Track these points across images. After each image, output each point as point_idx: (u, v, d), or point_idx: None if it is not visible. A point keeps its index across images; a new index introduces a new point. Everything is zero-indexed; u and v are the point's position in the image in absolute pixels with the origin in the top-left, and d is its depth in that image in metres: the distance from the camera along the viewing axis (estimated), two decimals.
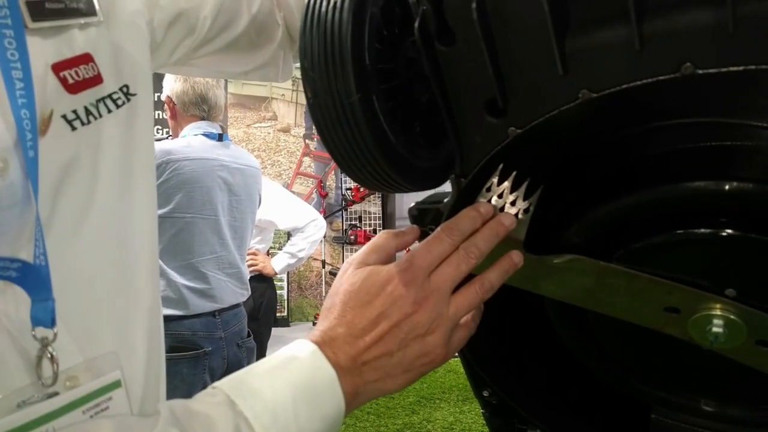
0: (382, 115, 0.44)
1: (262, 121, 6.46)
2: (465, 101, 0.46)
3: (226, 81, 2.49)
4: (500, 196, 0.49)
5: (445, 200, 0.52)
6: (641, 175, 0.48)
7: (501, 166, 0.48)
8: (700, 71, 0.35)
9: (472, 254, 0.47)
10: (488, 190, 0.50)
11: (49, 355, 0.42)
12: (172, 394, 1.68)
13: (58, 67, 0.45)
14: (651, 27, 0.36)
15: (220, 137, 1.80)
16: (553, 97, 0.41)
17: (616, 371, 0.61)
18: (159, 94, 1.87)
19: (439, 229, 0.48)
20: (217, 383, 0.44)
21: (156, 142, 1.72)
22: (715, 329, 0.47)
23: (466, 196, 0.50)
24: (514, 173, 0.48)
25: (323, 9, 0.43)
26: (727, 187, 0.44)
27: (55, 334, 0.42)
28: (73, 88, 0.46)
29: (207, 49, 0.67)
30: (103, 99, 0.49)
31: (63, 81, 0.45)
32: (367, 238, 5.94)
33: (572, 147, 0.48)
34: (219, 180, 1.74)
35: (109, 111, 0.49)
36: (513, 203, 0.50)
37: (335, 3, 0.42)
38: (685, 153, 0.46)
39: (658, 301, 0.49)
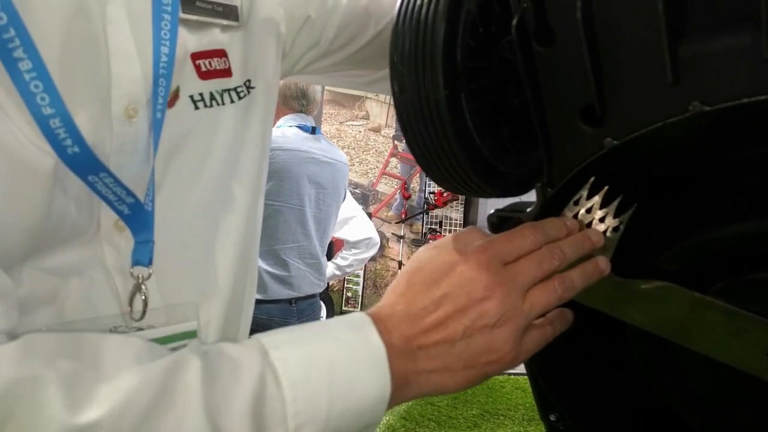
0: (468, 115, 0.42)
1: (355, 120, 6.58)
2: (559, 107, 0.43)
3: None
4: (588, 211, 0.46)
5: (528, 210, 0.49)
6: (754, 204, 0.43)
7: (592, 179, 0.45)
8: None
9: (556, 255, 0.43)
10: (576, 203, 0.47)
11: (142, 293, 0.46)
12: None
13: (196, 56, 0.51)
14: None
15: (313, 130, 1.85)
16: (659, 108, 0.37)
17: (699, 413, 0.55)
18: None
19: (522, 225, 0.45)
20: (258, 334, 0.42)
21: None
22: None
23: (551, 207, 0.47)
24: (606, 188, 0.45)
25: (418, 3, 0.42)
26: None
27: (150, 273, 0.46)
28: (204, 75, 0.52)
29: (330, 60, 0.69)
30: (228, 90, 0.54)
31: (197, 68, 0.51)
32: None
33: (676, 165, 0.44)
34: (309, 172, 1.79)
35: (232, 101, 0.54)
36: (602, 220, 0.46)
37: None
38: None
39: (759, 343, 0.44)
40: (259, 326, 1.86)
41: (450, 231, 6.24)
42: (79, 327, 0.43)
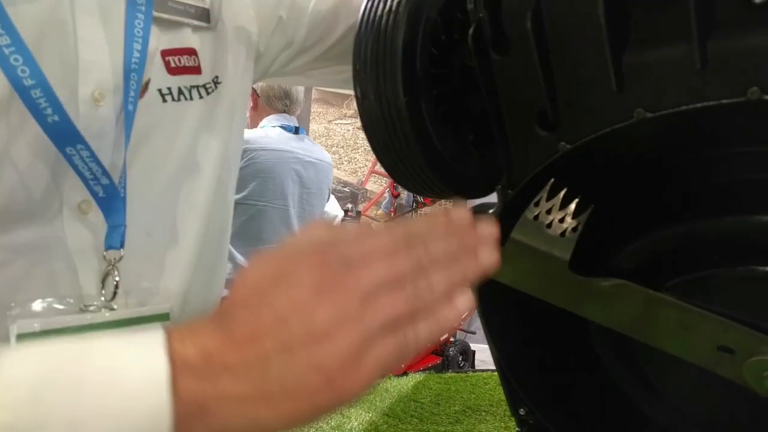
0: (429, 121, 0.44)
1: (343, 118, 6.59)
2: (517, 112, 0.45)
3: None
4: (549, 212, 0.48)
5: (490, 211, 0.51)
6: (701, 204, 0.45)
7: (551, 182, 0.47)
8: None
9: (416, 254, 0.34)
10: (536, 204, 0.48)
11: (115, 274, 0.49)
12: None
13: (166, 53, 0.53)
14: (715, 46, 0.34)
15: (296, 130, 1.86)
16: (606, 115, 0.39)
17: (662, 407, 0.57)
18: None
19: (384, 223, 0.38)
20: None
21: None
22: None
23: (512, 209, 0.49)
24: (564, 190, 0.46)
25: (378, 12, 0.43)
26: None
27: (122, 256, 0.49)
28: (173, 71, 0.54)
29: (302, 60, 0.70)
30: (197, 87, 0.56)
31: (166, 64, 0.53)
32: None
33: (627, 167, 0.46)
34: (292, 172, 1.80)
35: (201, 97, 0.56)
36: (561, 220, 0.48)
37: (390, 6, 0.42)
38: (752, 184, 0.42)
39: (711, 338, 0.46)
40: None
41: None
42: (41, 306, 0.46)
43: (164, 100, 0.54)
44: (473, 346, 3.49)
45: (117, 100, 0.49)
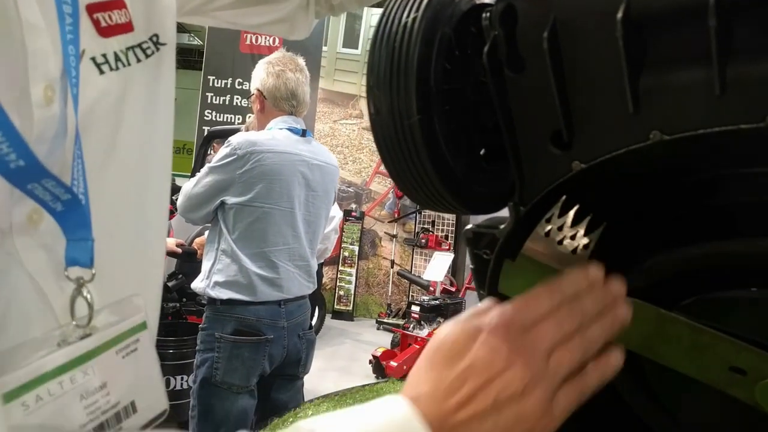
0: (442, 138, 0.44)
1: (348, 118, 6.59)
2: (530, 129, 0.44)
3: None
4: (560, 228, 0.48)
5: (502, 226, 0.51)
6: (717, 225, 0.45)
7: (563, 199, 0.46)
8: None
9: (576, 314, 0.41)
10: (548, 221, 0.48)
11: (86, 296, 0.42)
12: (231, 375, 1.77)
13: (92, 8, 0.45)
14: (735, 71, 0.33)
15: (303, 133, 1.86)
16: (621, 135, 0.39)
17: (668, 421, 0.57)
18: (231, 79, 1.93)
19: (538, 287, 0.44)
20: (298, 423, 0.40)
21: (243, 133, 1.81)
22: None
23: (523, 225, 0.48)
24: (576, 207, 0.46)
25: (393, 28, 0.43)
26: None
27: (93, 275, 0.42)
28: (105, 31, 0.46)
29: (222, 1, 0.66)
30: (133, 48, 0.48)
31: (96, 23, 0.46)
32: (438, 243, 5.91)
33: (641, 187, 0.45)
34: (299, 174, 1.80)
35: (138, 60, 0.49)
36: (573, 237, 0.48)
37: (406, 24, 0.42)
38: (764, 206, 0.42)
39: (723, 359, 0.45)
40: (247, 327, 1.86)
41: (442, 231, 6.26)
42: (19, 351, 0.39)
43: (101, 71, 0.46)
44: None
45: (63, 87, 0.41)
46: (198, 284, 1.79)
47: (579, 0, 0.38)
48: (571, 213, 0.46)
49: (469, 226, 0.56)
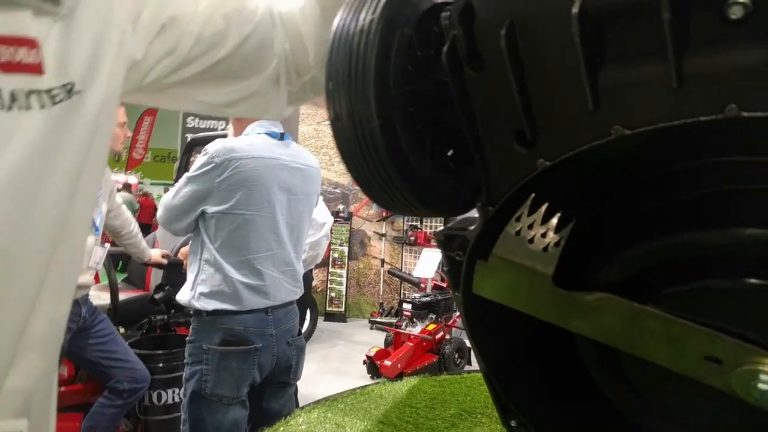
0: (405, 142, 0.43)
1: None
2: (494, 128, 0.44)
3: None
4: (530, 226, 0.47)
5: (472, 227, 0.50)
6: (684, 217, 0.45)
7: (532, 197, 0.46)
8: (746, 114, 0.32)
9: None
10: (518, 219, 0.47)
11: None
12: (221, 386, 1.74)
13: None
14: (692, 64, 0.33)
15: (281, 136, 1.84)
16: (584, 132, 0.38)
17: (651, 415, 0.57)
18: None
19: None
20: None
21: (220, 140, 1.78)
22: (761, 385, 0.43)
23: (493, 225, 0.48)
24: (545, 205, 0.46)
25: (351, 31, 0.42)
26: None
27: None
28: (5, 66, 0.42)
29: (186, 72, 0.60)
30: (38, 92, 0.44)
31: None
32: (427, 240, 5.91)
33: (608, 182, 0.45)
34: (278, 179, 1.78)
35: (42, 106, 0.44)
36: (543, 235, 0.47)
37: (362, 26, 0.41)
38: (734, 195, 0.42)
39: (697, 349, 0.45)
40: (234, 336, 1.83)
41: (431, 227, 6.26)
42: None
43: None
44: (469, 344, 3.49)
45: None
46: (183, 296, 1.77)
47: None
48: (541, 211, 0.46)
49: (440, 229, 0.55)
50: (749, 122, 0.32)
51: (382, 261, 6.50)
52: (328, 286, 6.42)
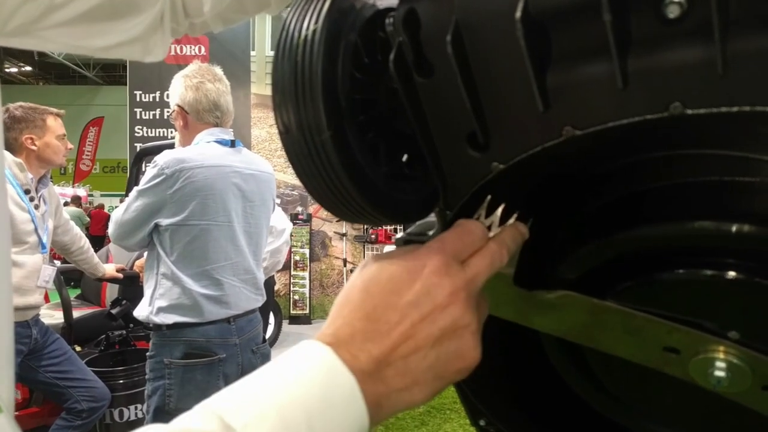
0: (358, 151, 0.42)
1: None
2: (447, 134, 0.43)
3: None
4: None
5: (430, 232, 0.50)
6: (636, 211, 0.45)
7: (488, 199, 0.46)
8: (690, 111, 0.32)
9: (505, 251, 0.42)
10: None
11: None
12: (186, 400, 1.71)
13: None
14: (636, 64, 0.33)
15: (232, 143, 1.80)
16: (535, 134, 0.38)
17: (617, 407, 0.58)
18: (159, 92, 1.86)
19: (464, 221, 0.44)
20: (207, 401, 0.36)
21: (169, 151, 1.73)
22: (717, 373, 0.44)
23: None
24: (502, 206, 0.46)
25: (294, 40, 0.41)
26: (732, 228, 0.41)
27: None
28: None
29: (56, 18, 0.57)
30: None
31: None
32: (388, 237, 5.93)
33: (562, 182, 0.45)
34: (233, 186, 1.74)
35: None
36: None
37: (306, 36, 0.40)
38: (685, 188, 0.43)
39: (656, 340, 0.46)
40: (197, 349, 1.80)
41: (391, 224, 6.27)
42: None
43: None
44: None
45: None
46: (141, 312, 1.71)
47: (479, 1, 0.37)
48: (498, 212, 0.46)
49: (399, 235, 0.55)
50: (693, 119, 0.33)
51: (345, 261, 6.48)
52: (291, 289, 6.36)
